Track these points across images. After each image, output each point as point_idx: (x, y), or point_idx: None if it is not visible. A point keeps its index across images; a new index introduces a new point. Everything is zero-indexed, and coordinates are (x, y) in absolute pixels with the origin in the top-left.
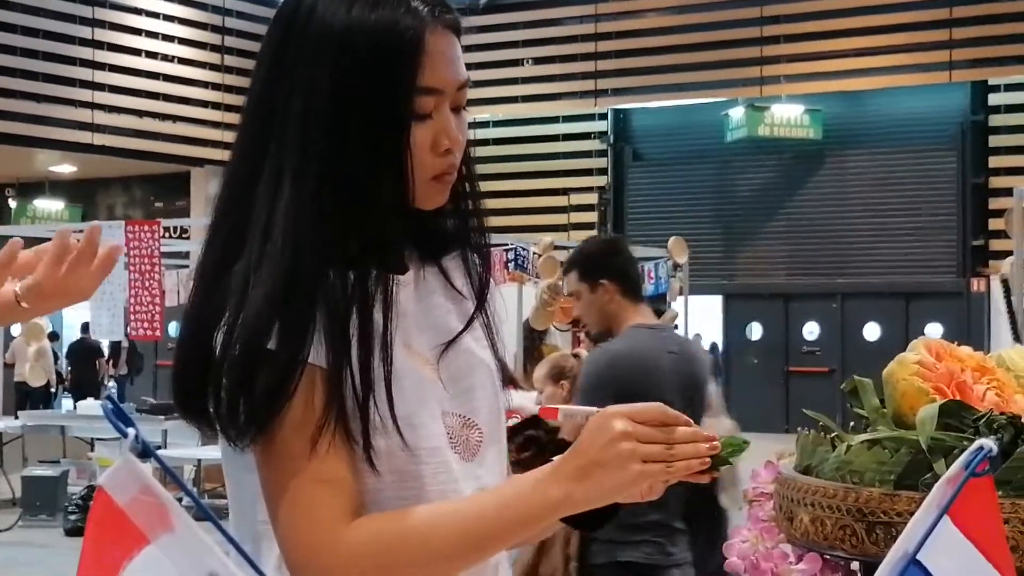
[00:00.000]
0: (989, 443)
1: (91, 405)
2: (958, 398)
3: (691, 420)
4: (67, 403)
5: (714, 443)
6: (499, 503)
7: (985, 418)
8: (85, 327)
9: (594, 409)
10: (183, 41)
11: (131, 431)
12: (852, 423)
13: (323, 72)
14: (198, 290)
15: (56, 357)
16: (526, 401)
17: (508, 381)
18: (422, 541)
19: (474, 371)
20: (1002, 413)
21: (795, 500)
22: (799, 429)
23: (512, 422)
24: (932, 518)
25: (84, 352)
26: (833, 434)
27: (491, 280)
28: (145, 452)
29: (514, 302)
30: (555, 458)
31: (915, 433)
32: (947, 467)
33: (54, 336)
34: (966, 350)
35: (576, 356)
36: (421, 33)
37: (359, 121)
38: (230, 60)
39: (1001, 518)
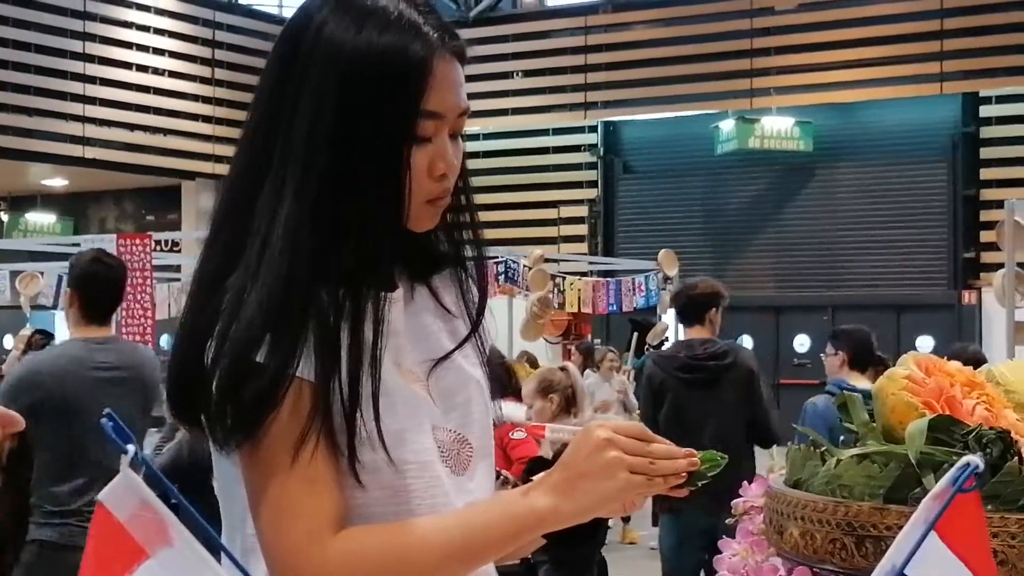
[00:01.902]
0: (976, 459)
1: None
2: (947, 413)
3: (666, 440)
4: None
5: (693, 459)
6: (485, 517)
7: (974, 433)
8: None
9: (581, 428)
10: (174, 55)
11: (130, 447)
12: (842, 437)
13: (330, 89)
14: (195, 297)
15: None
16: (517, 411)
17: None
18: (407, 554)
19: (464, 387)
20: (991, 428)
21: (785, 514)
22: (789, 443)
23: (519, 435)
24: (919, 533)
25: None
26: (823, 448)
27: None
28: (145, 467)
29: (504, 315)
30: (537, 476)
31: (904, 448)
32: (936, 482)
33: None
34: (956, 365)
35: (564, 370)
36: (430, 58)
37: (362, 139)
38: (221, 74)
39: (988, 534)
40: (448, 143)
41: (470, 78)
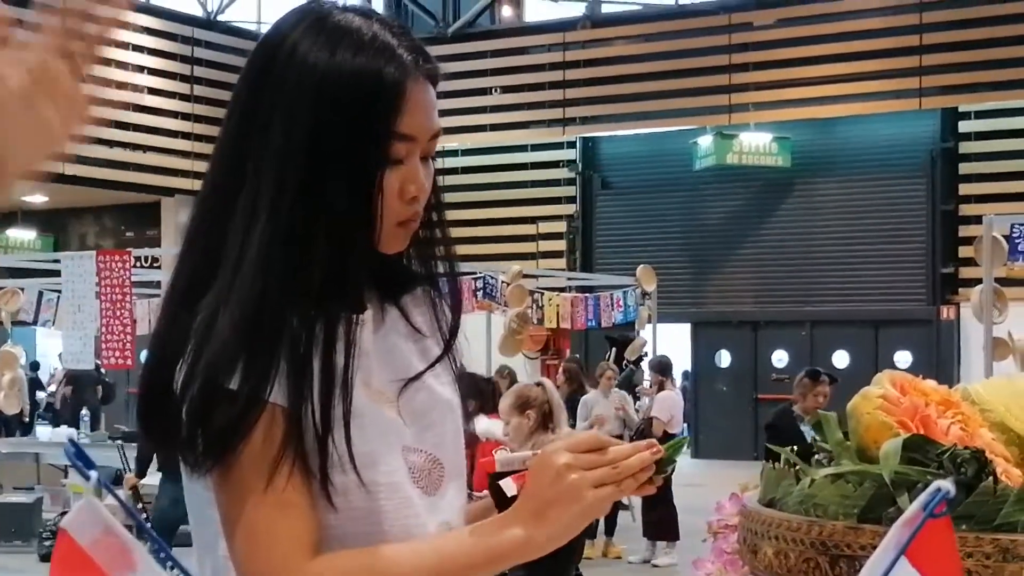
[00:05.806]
0: (947, 485)
1: (65, 433)
2: (922, 432)
3: (620, 440)
4: (43, 430)
5: (656, 448)
6: (460, 546)
7: (949, 452)
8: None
9: (530, 453)
10: (153, 72)
11: (93, 474)
12: (816, 456)
13: (303, 110)
14: (165, 316)
15: (39, 385)
16: (493, 427)
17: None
18: None
19: (434, 408)
20: (966, 447)
21: (759, 533)
22: (764, 461)
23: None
24: (890, 558)
25: (86, 379)
26: (797, 467)
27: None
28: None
29: (483, 331)
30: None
31: (879, 467)
32: (911, 502)
33: (35, 366)
34: (931, 383)
35: (540, 385)
36: (403, 81)
37: (335, 160)
38: (199, 90)
39: (959, 557)
40: (419, 166)
41: (448, 94)
